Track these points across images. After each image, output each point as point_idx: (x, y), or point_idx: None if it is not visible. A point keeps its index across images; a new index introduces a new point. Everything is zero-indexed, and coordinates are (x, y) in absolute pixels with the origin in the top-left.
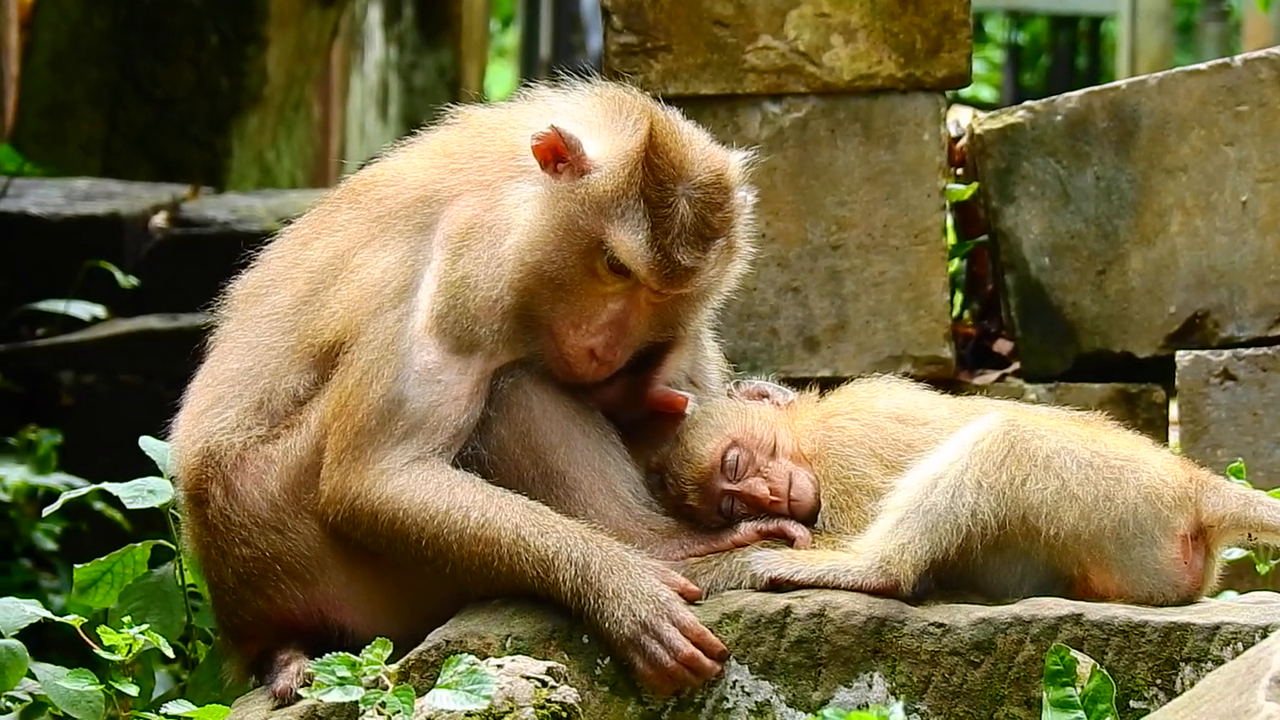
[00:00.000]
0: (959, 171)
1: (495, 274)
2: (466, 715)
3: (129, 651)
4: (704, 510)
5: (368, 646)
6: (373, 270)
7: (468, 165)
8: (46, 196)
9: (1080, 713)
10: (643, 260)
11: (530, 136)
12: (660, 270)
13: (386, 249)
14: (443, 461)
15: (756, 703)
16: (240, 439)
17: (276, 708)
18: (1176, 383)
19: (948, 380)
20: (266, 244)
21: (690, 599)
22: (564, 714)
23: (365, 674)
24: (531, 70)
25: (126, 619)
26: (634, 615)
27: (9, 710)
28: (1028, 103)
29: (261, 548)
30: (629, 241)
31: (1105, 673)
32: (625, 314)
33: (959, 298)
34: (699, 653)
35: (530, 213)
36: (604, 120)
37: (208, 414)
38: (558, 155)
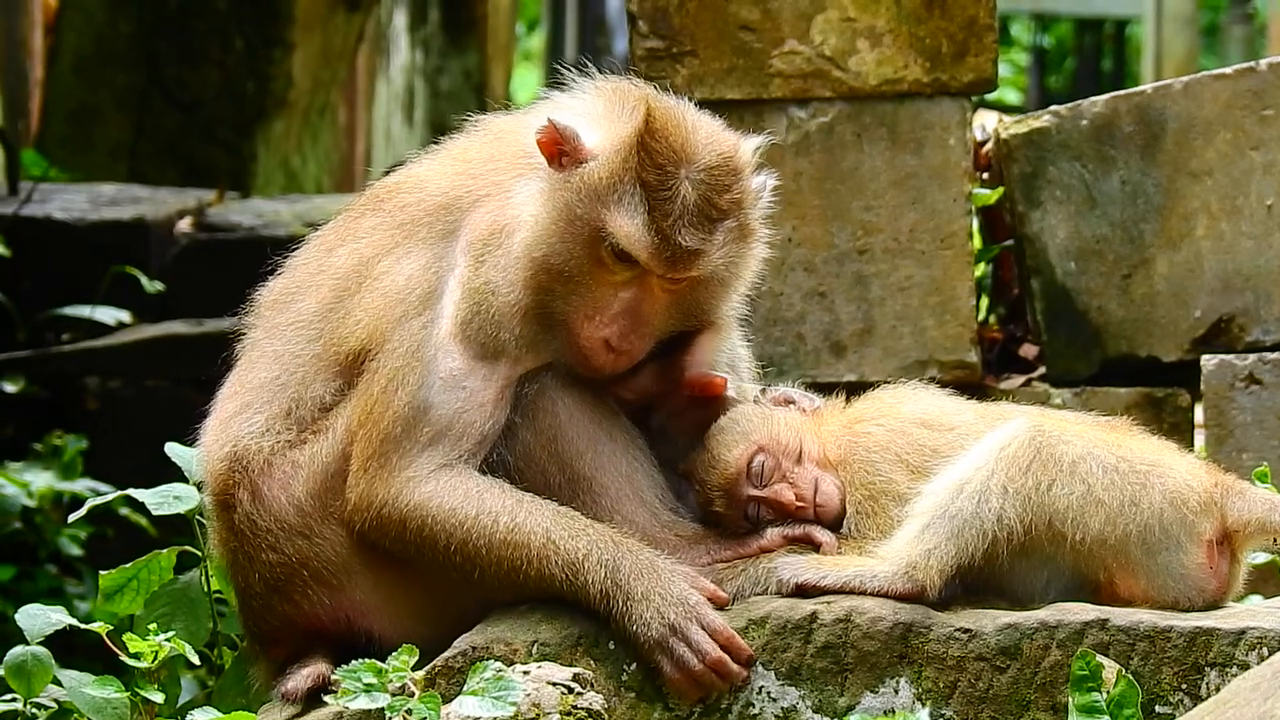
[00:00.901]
0: (985, 176)
1: (511, 276)
2: None
3: (155, 658)
4: (730, 516)
5: (394, 653)
6: (397, 277)
7: (484, 171)
8: (72, 202)
9: (1106, 718)
10: (642, 244)
11: (534, 133)
12: (661, 253)
13: (410, 256)
14: (469, 467)
15: (783, 708)
16: (268, 444)
17: (294, 716)
18: (1202, 387)
19: (973, 385)
20: (292, 249)
21: (719, 605)
22: None
23: (391, 680)
24: (556, 74)
25: (152, 625)
26: (662, 618)
27: (35, 717)
28: (1053, 107)
29: (288, 553)
30: (627, 226)
31: (1131, 678)
32: (638, 302)
33: (985, 302)
34: (726, 657)
35: (534, 208)
36: (604, 111)
37: (236, 419)
38: (558, 148)
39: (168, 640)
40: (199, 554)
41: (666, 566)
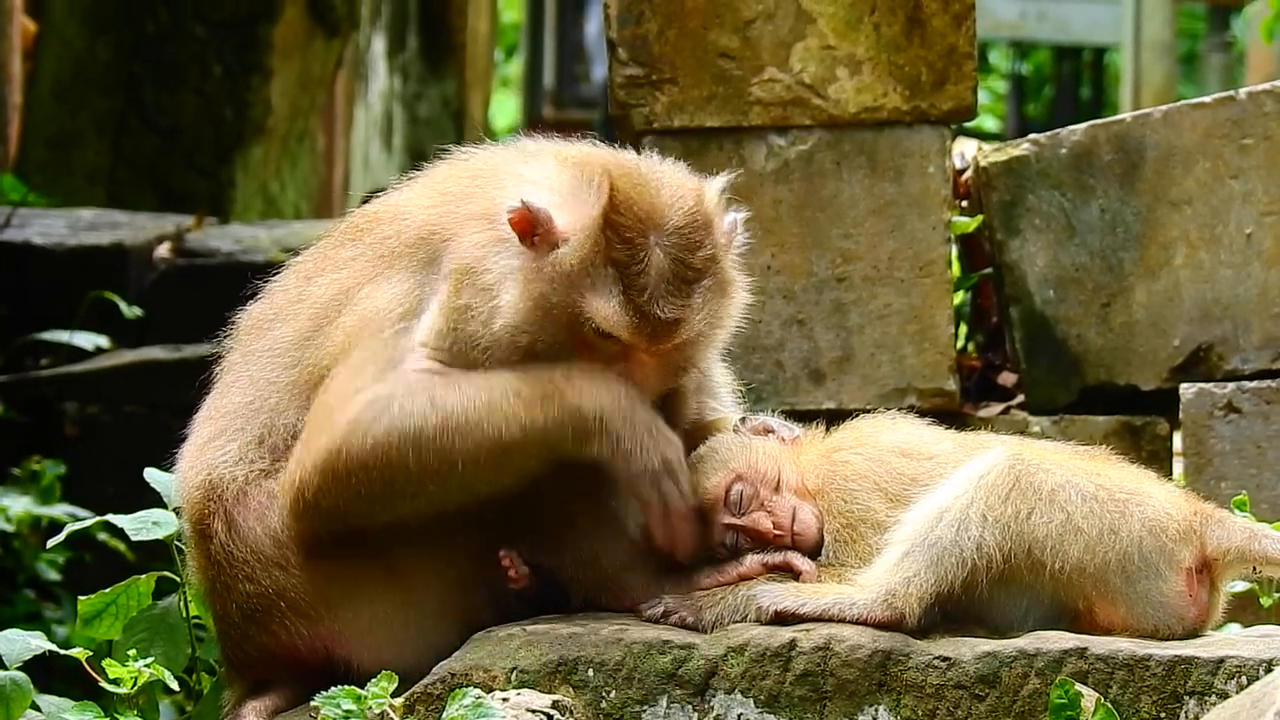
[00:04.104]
0: (964, 204)
1: (492, 348)
2: None
3: (134, 684)
4: (708, 544)
5: (373, 680)
6: (377, 301)
7: (463, 207)
8: (51, 227)
9: None
10: (622, 324)
11: (505, 209)
12: (643, 330)
13: (392, 282)
14: (413, 388)
15: None
16: (242, 472)
17: None
18: (1181, 415)
19: (952, 413)
20: (271, 274)
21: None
22: None
23: (371, 707)
24: (535, 101)
25: (131, 651)
26: (663, 455)
27: None
28: (1032, 135)
29: (265, 584)
30: (604, 309)
31: (1110, 706)
32: (631, 372)
33: (964, 330)
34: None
35: (512, 293)
36: (570, 188)
37: (210, 446)
38: (532, 229)
39: (146, 666)
40: (177, 579)
41: (646, 406)
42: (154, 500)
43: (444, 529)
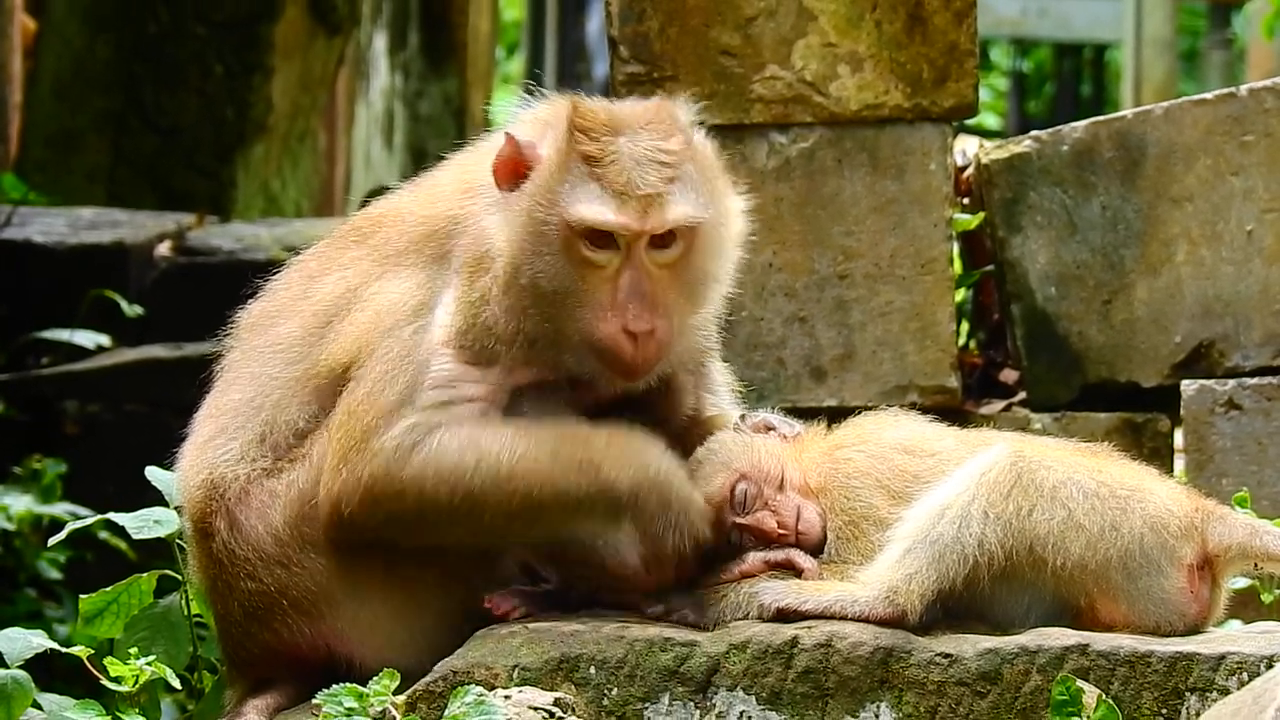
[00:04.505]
0: (965, 201)
1: (507, 306)
2: None
3: (135, 682)
4: (713, 543)
5: (375, 677)
6: (389, 295)
7: (461, 201)
8: (51, 225)
9: None
10: (608, 209)
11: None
12: (628, 208)
13: (401, 278)
14: (453, 425)
15: None
16: (244, 471)
17: None
18: (1182, 412)
19: (954, 410)
20: (272, 273)
21: None
22: None
23: (373, 705)
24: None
25: (133, 649)
26: (695, 535)
27: None
28: (1034, 132)
29: (267, 583)
30: (586, 201)
31: (1111, 703)
32: (637, 280)
33: (965, 327)
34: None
35: (504, 237)
36: (544, 122)
37: (211, 445)
38: (515, 161)
39: (148, 664)
40: (179, 578)
41: (675, 466)
42: (155, 498)
43: None
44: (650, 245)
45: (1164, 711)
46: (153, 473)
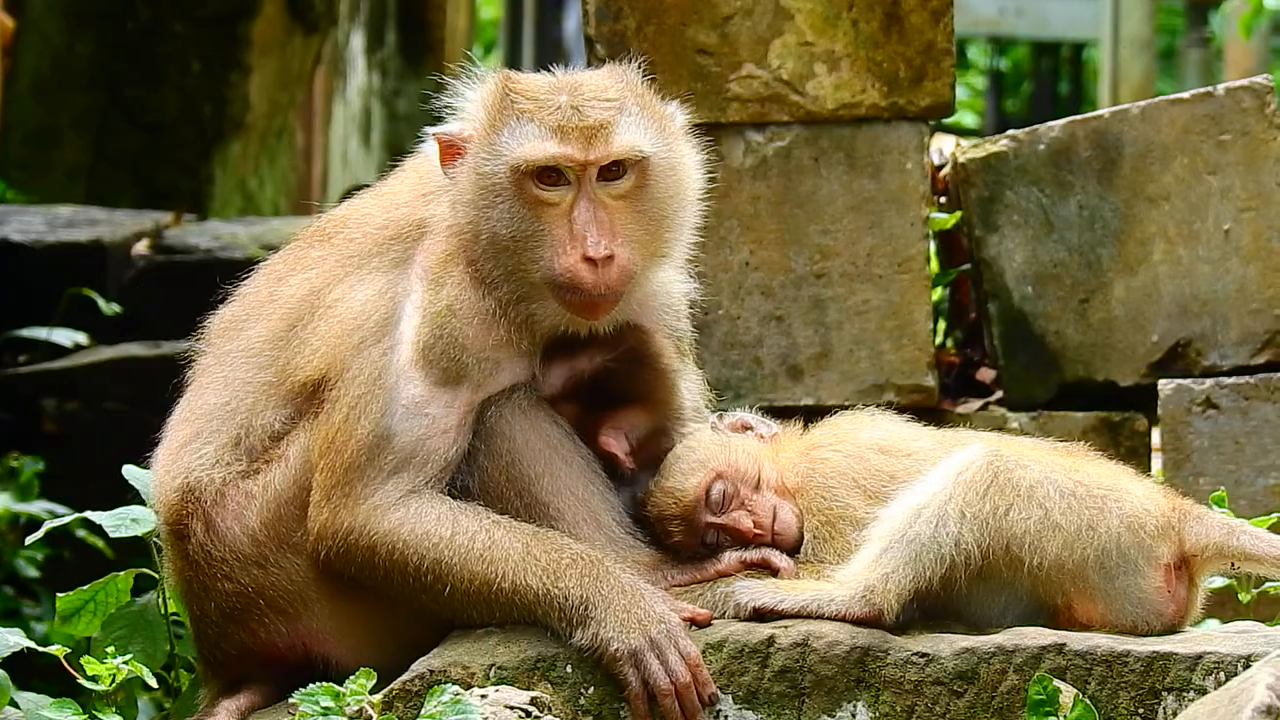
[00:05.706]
0: (942, 200)
1: (470, 282)
2: None
3: (112, 681)
4: (688, 543)
5: (352, 676)
6: (352, 304)
7: (422, 202)
8: (29, 223)
9: None
10: (551, 142)
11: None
12: (571, 139)
13: (363, 283)
14: (435, 492)
15: None
16: (220, 475)
17: None
18: (1159, 411)
19: (931, 409)
20: (249, 271)
21: (701, 624)
22: None
23: (349, 704)
24: None
25: (110, 648)
26: (644, 630)
27: None
28: (1011, 131)
29: (244, 582)
30: (529, 138)
31: (1088, 703)
32: (591, 210)
33: (942, 326)
34: (693, 687)
35: (460, 206)
36: (474, 107)
37: (186, 449)
38: (452, 146)
39: (125, 663)
40: (156, 576)
41: (648, 586)
42: (133, 497)
43: None
44: (601, 178)
45: (1141, 711)
46: (130, 471)
